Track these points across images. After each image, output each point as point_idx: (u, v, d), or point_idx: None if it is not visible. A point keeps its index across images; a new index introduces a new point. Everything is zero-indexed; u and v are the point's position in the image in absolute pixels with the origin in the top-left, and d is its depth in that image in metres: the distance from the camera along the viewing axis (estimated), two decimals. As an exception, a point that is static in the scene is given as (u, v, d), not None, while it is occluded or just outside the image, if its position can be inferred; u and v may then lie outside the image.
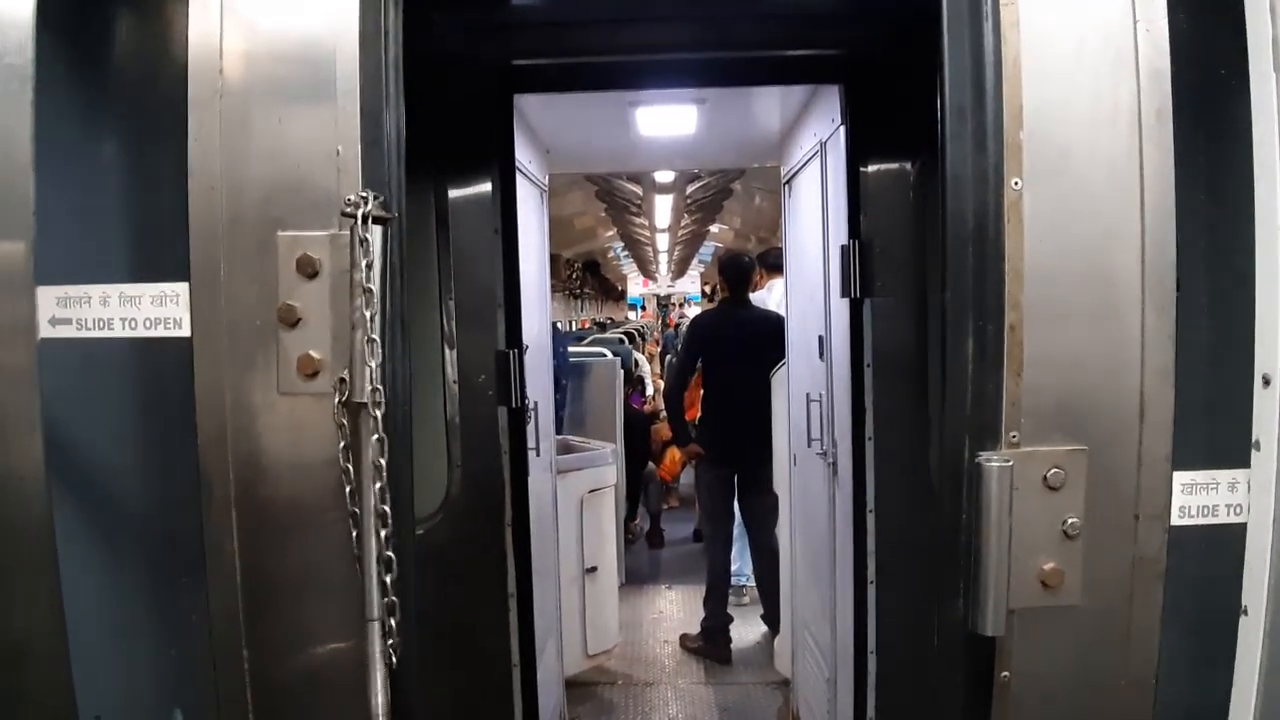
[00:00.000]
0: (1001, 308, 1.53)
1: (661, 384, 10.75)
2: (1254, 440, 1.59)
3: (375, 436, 1.47)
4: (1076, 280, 1.56)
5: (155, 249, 1.74)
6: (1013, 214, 1.54)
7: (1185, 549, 1.64)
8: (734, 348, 5.70)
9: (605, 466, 5.55)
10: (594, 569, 5.23)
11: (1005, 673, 1.59)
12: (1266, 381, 1.55)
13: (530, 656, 3.24)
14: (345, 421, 1.50)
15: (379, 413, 1.47)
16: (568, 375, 7.08)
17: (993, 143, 1.55)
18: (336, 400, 1.50)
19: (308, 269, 1.53)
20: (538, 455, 3.93)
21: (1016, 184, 1.54)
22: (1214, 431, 1.70)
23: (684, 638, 5.97)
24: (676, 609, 6.68)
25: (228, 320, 1.57)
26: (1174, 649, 1.66)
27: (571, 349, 8.07)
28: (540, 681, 3.35)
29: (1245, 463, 1.61)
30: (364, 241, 1.45)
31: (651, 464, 8.54)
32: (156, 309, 1.62)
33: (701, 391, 6.13)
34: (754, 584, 6.16)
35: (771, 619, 5.60)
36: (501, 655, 3.15)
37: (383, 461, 1.47)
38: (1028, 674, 1.59)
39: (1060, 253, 1.57)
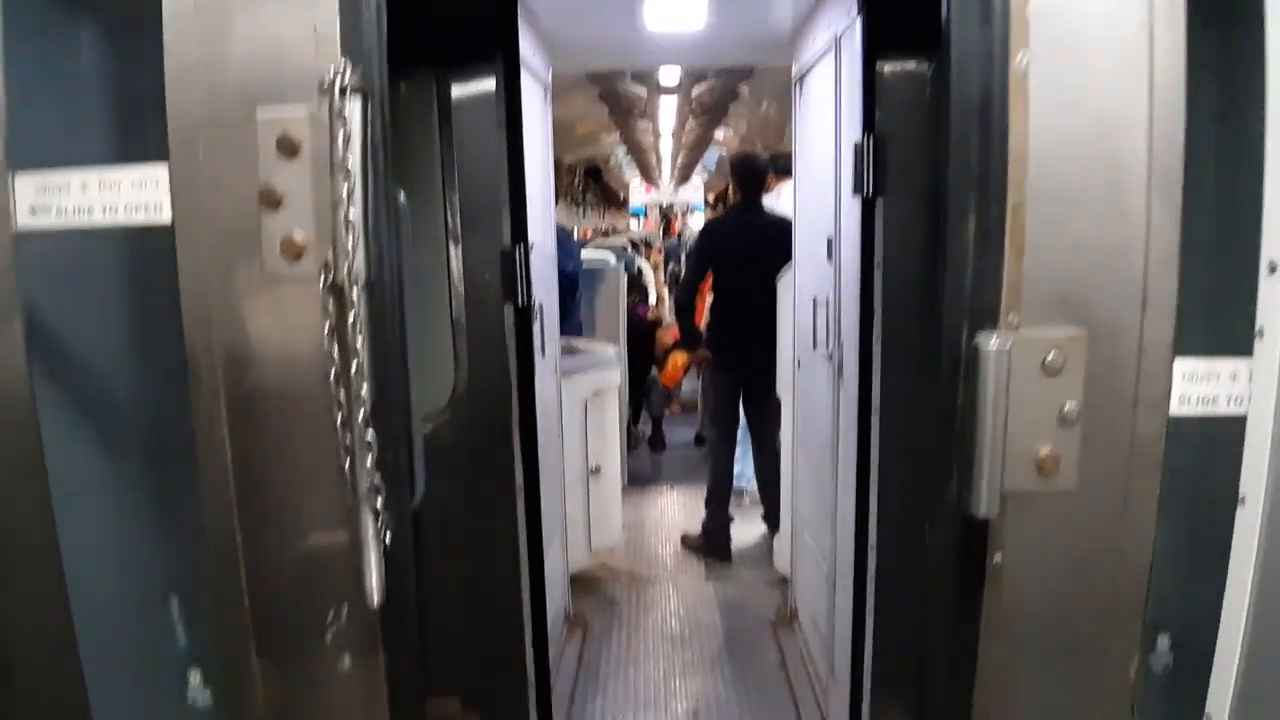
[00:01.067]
0: (1004, 188, 1.48)
1: (665, 292, 10.74)
2: (1258, 329, 1.56)
3: (353, 316, 1.44)
4: (1082, 161, 1.51)
5: (134, 132, 1.70)
6: (1018, 91, 1.48)
7: (1183, 438, 1.63)
8: (745, 254, 5.63)
9: (609, 370, 5.56)
10: (598, 469, 5.29)
11: (998, 557, 1.59)
12: (1273, 268, 1.51)
13: (537, 551, 3.28)
14: (330, 305, 1.47)
15: (356, 293, 1.44)
16: (579, 279, 7.06)
17: (999, 16, 1.48)
18: (321, 283, 1.47)
19: (288, 148, 1.47)
20: (543, 356, 3.93)
21: (1023, 59, 1.47)
22: (1217, 320, 1.67)
23: (685, 537, 6.08)
24: (678, 510, 6.80)
25: (209, 204, 1.53)
26: (1169, 538, 1.67)
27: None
28: (546, 575, 3.41)
29: (1247, 352, 1.59)
30: (341, 115, 1.40)
31: (654, 370, 8.59)
32: (137, 193, 1.59)
33: (710, 297, 6.10)
34: (755, 487, 6.24)
35: (772, 520, 5.69)
36: (509, 549, 3.20)
37: (359, 343, 1.45)
38: (1021, 558, 1.60)
39: (1066, 133, 1.51)
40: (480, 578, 3.19)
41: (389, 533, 1.51)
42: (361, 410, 1.47)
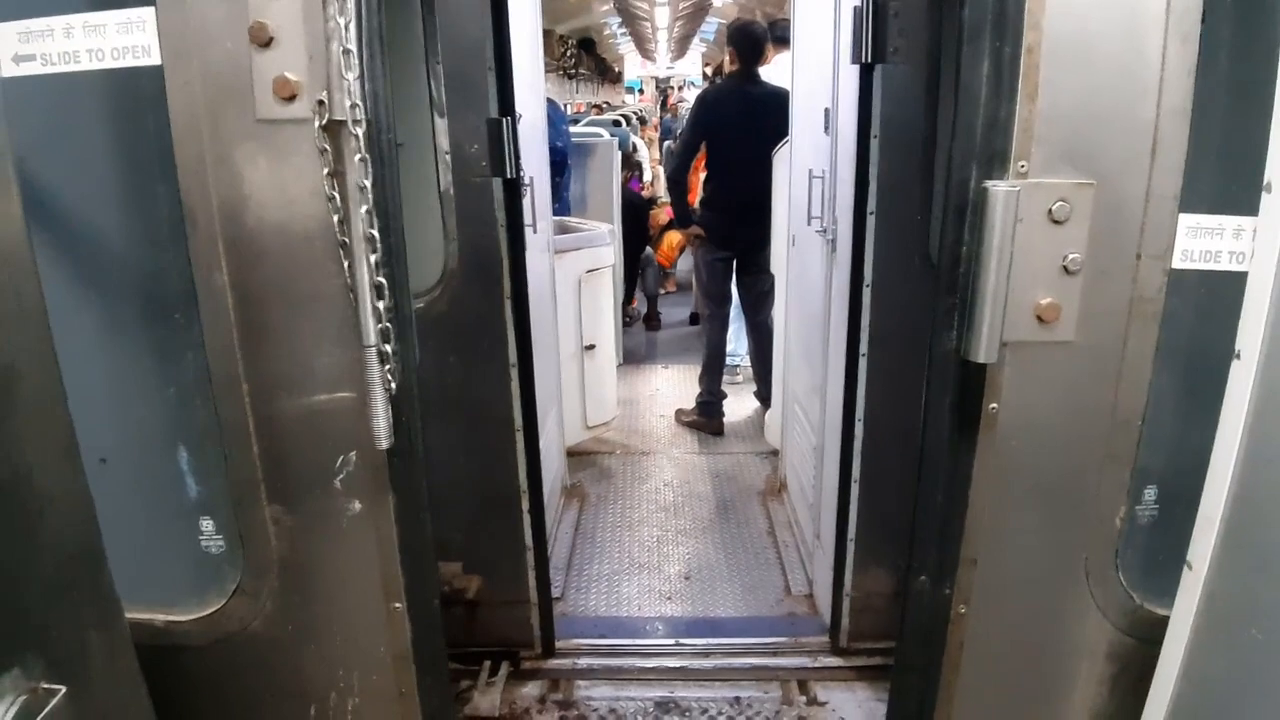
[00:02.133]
0: (1021, 26, 1.44)
1: (661, 170, 10.56)
2: (1265, 182, 1.54)
3: (358, 156, 1.41)
4: (1100, 3, 1.47)
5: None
6: (1039, -75, 1.42)
7: (1183, 292, 1.64)
8: (741, 126, 5.49)
9: (603, 247, 5.51)
10: (592, 346, 5.31)
11: (994, 404, 1.62)
12: (1287, 121, 1.48)
13: (532, 422, 3.32)
14: (327, 146, 1.43)
15: (360, 130, 1.40)
16: (571, 155, 6.94)
17: None
18: (317, 124, 1.43)
19: (278, -19, 1.41)
20: (534, 232, 3.88)
21: (1047, -110, 1.41)
22: (1225, 176, 1.65)
23: (679, 412, 6.17)
24: (672, 387, 6.86)
25: (198, 44, 1.47)
26: (1163, 390, 1.69)
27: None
28: (542, 448, 3.46)
29: (1253, 210, 1.57)
30: (331, -62, 1.34)
31: (649, 248, 8.53)
32: (123, 37, 1.53)
33: (703, 174, 6.00)
34: (748, 364, 6.29)
35: (764, 396, 5.76)
36: (505, 421, 3.24)
37: (367, 183, 1.42)
38: (1016, 406, 1.63)
39: (1086, -28, 1.46)
40: (477, 449, 3.24)
41: (395, 380, 1.52)
42: (373, 253, 1.45)
